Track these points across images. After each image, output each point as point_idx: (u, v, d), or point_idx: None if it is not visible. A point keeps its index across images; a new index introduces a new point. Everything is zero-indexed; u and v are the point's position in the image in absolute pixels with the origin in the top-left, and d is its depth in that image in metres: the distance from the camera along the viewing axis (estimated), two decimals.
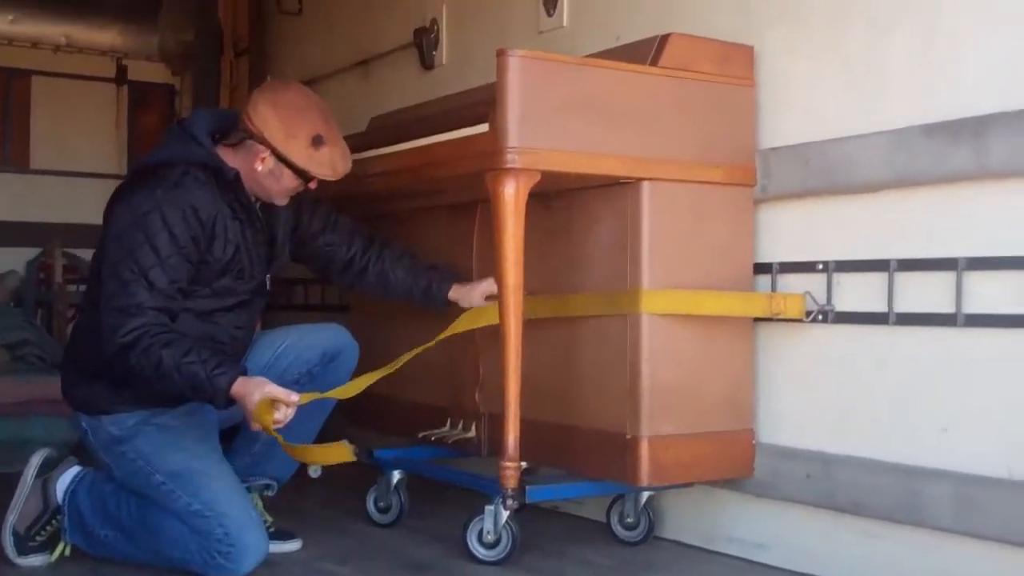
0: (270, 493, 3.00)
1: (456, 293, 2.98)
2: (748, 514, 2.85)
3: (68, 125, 6.27)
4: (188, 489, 2.61)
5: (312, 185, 2.75)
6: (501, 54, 2.45)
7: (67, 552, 2.80)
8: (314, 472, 3.99)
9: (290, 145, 2.65)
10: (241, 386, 2.52)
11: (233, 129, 2.73)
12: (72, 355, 2.84)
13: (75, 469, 2.84)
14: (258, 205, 2.81)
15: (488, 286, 2.87)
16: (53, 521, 2.78)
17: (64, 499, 2.79)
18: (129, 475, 2.71)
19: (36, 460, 2.86)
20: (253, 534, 2.60)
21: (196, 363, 2.51)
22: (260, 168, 2.69)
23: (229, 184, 2.70)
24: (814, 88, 2.70)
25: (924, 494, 2.39)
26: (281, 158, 2.66)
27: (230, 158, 2.72)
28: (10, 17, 5.64)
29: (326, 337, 3.01)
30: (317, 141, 2.66)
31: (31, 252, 5.95)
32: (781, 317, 2.66)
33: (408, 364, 2.86)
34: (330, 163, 2.70)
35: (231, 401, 2.54)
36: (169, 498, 2.63)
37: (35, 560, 2.78)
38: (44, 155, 6.20)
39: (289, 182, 2.72)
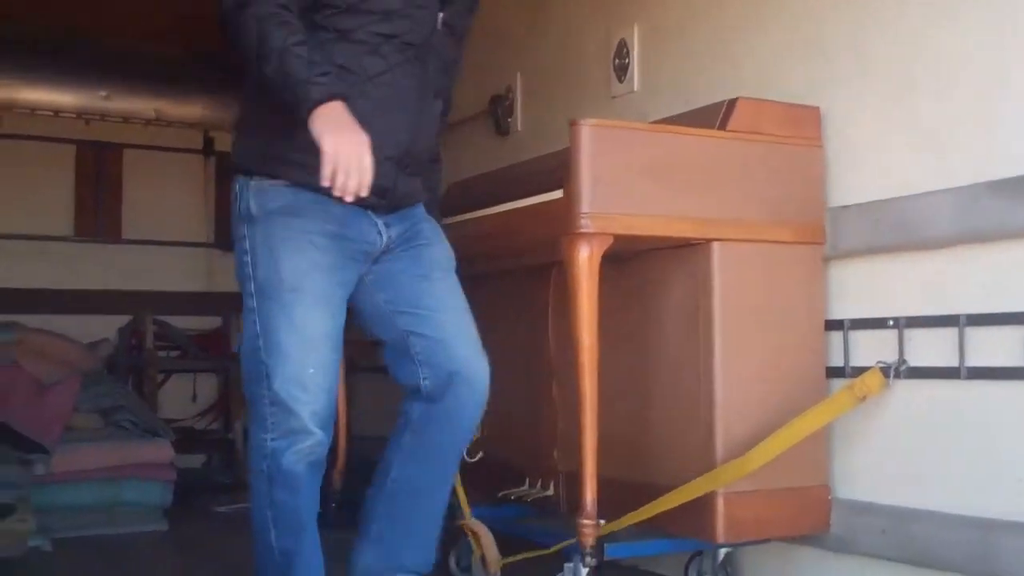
0: None
1: None
2: (826, 569, 2.86)
3: (158, 196, 6.43)
4: (265, 318, 2.33)
5: None
6: (573, 124, 2.54)
7: None
8: None
9: None
10: (332, 112, 2.15)
11: None
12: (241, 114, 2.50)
13: None
14: None
15: None
16: None
17: None
18: (237, 265, 2.40)
19: None
20: (302, 420, 2.32)
21: (302, 58, 2.16)
22: None
23: None
24: (881, 147, 2.75)
25: (1000, 546, 2.39)
26: None
27: None
28: (103, 93, 5.84)
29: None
30: None
31: (122, 320, 6.12)
32: (869, 397, 2.66)
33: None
34: None
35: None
36: (245, 319, 2.38)
37: None
38: (135, 225, 6.36)
39: None
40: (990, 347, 2.47)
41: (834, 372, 2.81)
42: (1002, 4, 2.47)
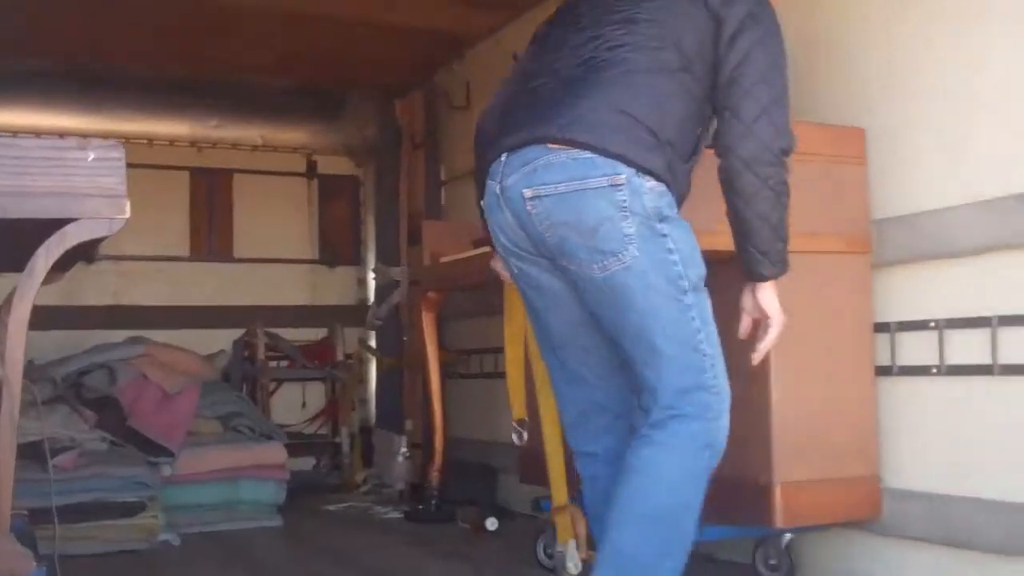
0: None
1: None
2: (878, 553, 3.10)
3: (266, 217, 6.88)
4: (702, 311, 2.31)
5: None
6: None
7: None
8: (491, 525, 4.41)
9: None
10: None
11: None
12: (630, 110, 2.26)
13: None
14: None
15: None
16: None
17: None
18: (656, 264, 2.26)
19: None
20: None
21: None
22: None
23: None
24: (918, 164, 3.01)
25: None
26: None
27: None
28: (214, 122, 6.25)
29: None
30: None
31: (236, 333, 6.54)
32: None
33: None
34: None
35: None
36: (680, 317, 2.29)
37: None
38: (245, 245, 6.84)
39: None
40: (1021, 345, 2.71)
41: (882, 371, 3.06)
42: None
